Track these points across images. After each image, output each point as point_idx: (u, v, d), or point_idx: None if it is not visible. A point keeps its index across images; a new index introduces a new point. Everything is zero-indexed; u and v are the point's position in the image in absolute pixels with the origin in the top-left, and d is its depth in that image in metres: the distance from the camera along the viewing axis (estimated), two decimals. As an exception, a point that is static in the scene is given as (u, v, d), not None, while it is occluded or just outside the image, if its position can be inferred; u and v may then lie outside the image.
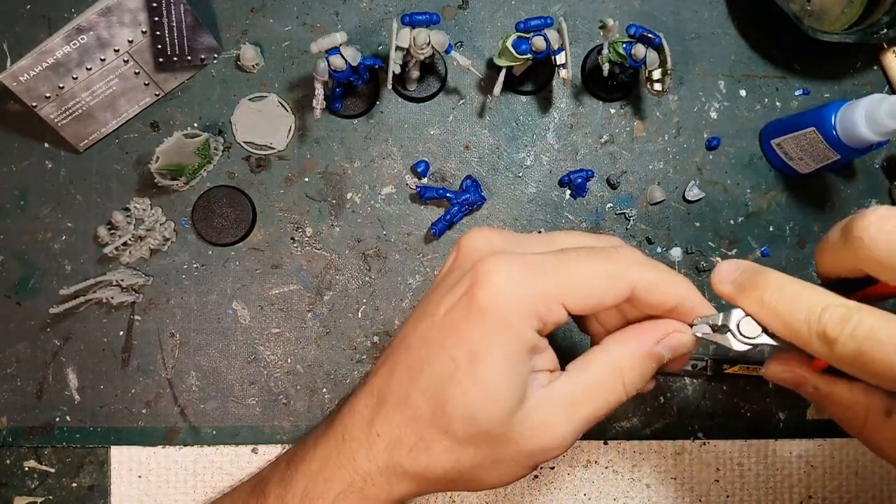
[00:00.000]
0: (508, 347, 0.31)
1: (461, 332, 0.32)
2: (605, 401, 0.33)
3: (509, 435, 0.32)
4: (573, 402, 0.33)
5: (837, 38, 0.50)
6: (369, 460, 0.34)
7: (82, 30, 0.47)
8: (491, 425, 0.32)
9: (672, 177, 0.53)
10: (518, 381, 0.32)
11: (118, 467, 0.50)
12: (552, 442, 0.32)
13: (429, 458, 0.33)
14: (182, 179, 0.50)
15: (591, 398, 0.33)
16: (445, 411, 0.32)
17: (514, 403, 0.32)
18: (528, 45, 0.46)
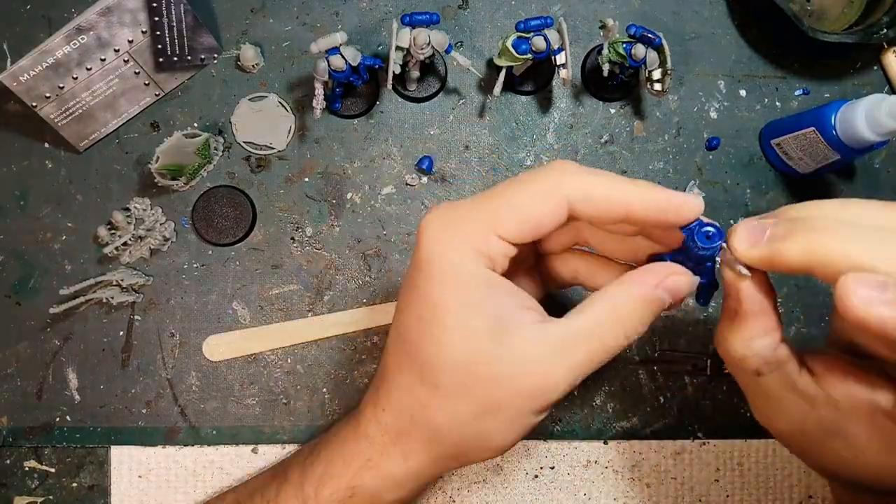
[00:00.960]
0: (462, 287, 0.31)
1: (419, 291, 0.32)
2: (602, 343, 0.31)
3: (499, 372, 0.31)
4: (568, 342, 0.31)
5: (837, 38, 0.50)
6: (382, 434, 0.35)
7: (82, 30, 0.47)
8: (472, 364, 0.31)
9: (672, 177, 0.53)
10: (485, 316, 0.31)
11: (118, 467, 0.50)
12: (546, 381, 0.31)
13: (429, 419, 0.33)
14: (182, 179, 0.50)
15: (588, 340, 0.31)
16: (430, 367, 0.32)
17: (488, 337, 0.31)
18: (528, 45, 0.46)
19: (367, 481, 0.35)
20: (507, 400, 0.32)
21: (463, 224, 0.32)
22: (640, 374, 0.52)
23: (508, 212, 0.31)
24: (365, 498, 0.36)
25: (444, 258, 0.31)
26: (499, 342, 0.31)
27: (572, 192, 0.31)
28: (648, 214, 0.31)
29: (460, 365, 0.31)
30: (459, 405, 0.32)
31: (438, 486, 0.50)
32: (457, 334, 0.31)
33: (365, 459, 0.35)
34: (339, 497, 0.36)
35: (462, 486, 0.50)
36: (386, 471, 0.35)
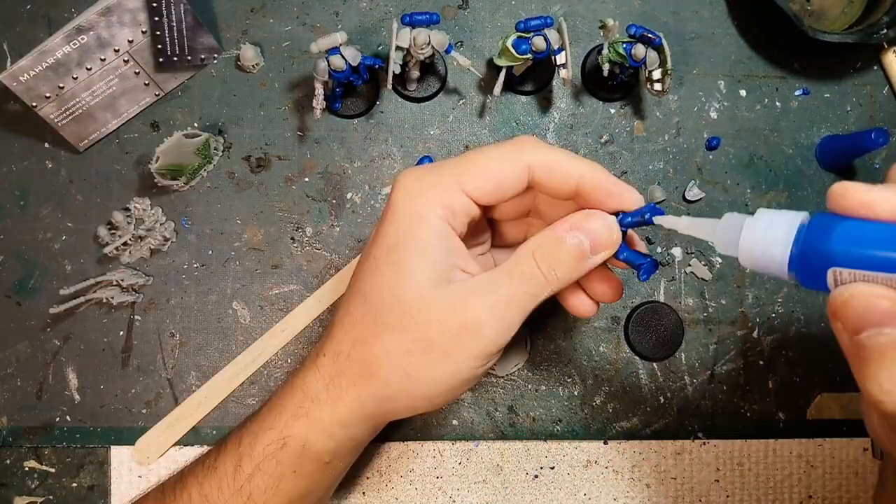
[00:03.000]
0: (420, 233, 0.34)
1: (380, 233, 0.35)
2: (521, 283, 0.34)
3: (431, 312, 0.33)
4: (491, 284, 0.34)
5: (837, 38, 0.50)
6: (317, 380, 0.37)
7: (82, 30, 0.47)
8: (412, 302, 0.34)
9: (672, 177, 0.53)
10: (432, 261, 0.34)
11: (118, 467, 0.50)
12: (472, 320, 0.33)
13: (363, 354, 0.35)
14: (182, 179, 0.50)
15: (508, 280, 0.34)
16: (376, 305, 0.35)
17: (430, 281, 0.34)
18: (528, 45, 0.46)
19: (298, 430, 0.37)
20: (435, 338, 0.34)
21: (434, 178, 0.35)
22: (640, 374, 0.52)
23: (476, 170, 0.34)
24: (296, 447, 0.37)
25: (411, 206, 0.34)
26: (437, 289, 0.34)
27: (533, 159, 0.34)
28: (594, 193, 0.34)
29: (401, 301, 0.34)
30: (393, 339, 0.34)
31: (438, 487, 0.50)
32: (404, 273, 0.34)
33: (296, 407, 0.37)
34: (272, 449, 0.37)
35: (462, 487, 0.50)
36: (315, 417, 0.36)
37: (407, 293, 0.34)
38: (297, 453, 0.37)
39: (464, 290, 0.34)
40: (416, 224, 0.34)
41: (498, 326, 0.34)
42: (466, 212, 0.35)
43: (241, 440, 0.39)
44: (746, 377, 0.52)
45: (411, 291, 0.34)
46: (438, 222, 0.34)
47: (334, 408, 0.36)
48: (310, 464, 0.38)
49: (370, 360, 0.35)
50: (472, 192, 0.34)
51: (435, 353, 0.34)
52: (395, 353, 0.34)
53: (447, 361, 0.34)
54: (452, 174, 0.35)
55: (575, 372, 0.51)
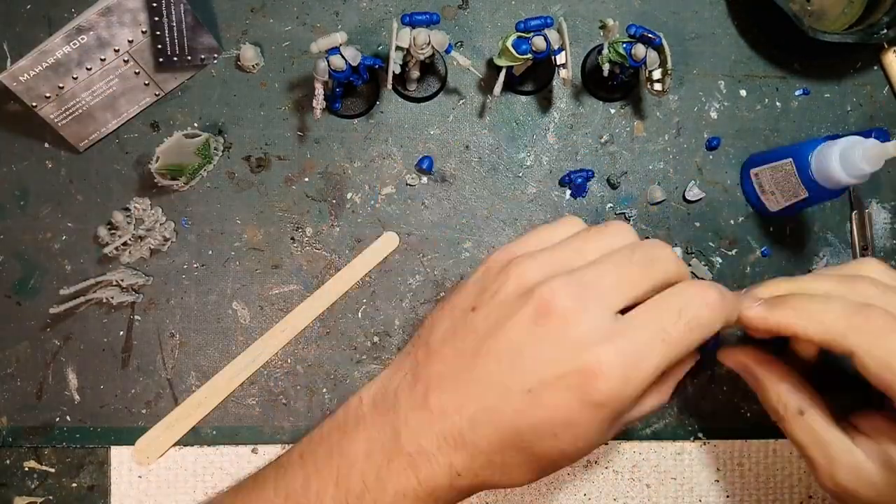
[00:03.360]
0: (610, 424, 0.34)
1: (569, 418, 0.33)
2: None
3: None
4: (625, 425, 0.37)
5: (837, 38, 0.50)
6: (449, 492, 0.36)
7: (82, 30, 0.47)
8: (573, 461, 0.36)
9: (672, 177, 0.53)
10: (608, 437, 0.36)
11: (118, 467, 0.50)
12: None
13: (510, 483, 0.36)
14: (182, 179, 0.50)
15: (636, 420, 0.40)
16: (539, 460, 0.35)
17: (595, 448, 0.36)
18: (528, 45, 0.46)
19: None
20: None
21: (640, 376, 0.33)
22: (640, 374, 0.52)
23: (682, 353, 0.35)
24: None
25: (617, 408, 0.33)
26: None
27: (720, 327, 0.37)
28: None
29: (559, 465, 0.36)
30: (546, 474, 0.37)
31: (438, 486, 0.50)
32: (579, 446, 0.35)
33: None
34: None
35: (462, 486, 0.50)
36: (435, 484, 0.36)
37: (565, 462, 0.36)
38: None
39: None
40: (617, 420, 0.35)
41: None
42: None
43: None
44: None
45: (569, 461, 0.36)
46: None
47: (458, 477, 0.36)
48: None
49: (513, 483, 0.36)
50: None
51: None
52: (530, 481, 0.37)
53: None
54: (662, 366, 0.34)
55: (575, 372, 0.51)
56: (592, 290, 0.34)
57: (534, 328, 0.34)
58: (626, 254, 0.35)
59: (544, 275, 0.35)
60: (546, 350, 0.33)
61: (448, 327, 0.37)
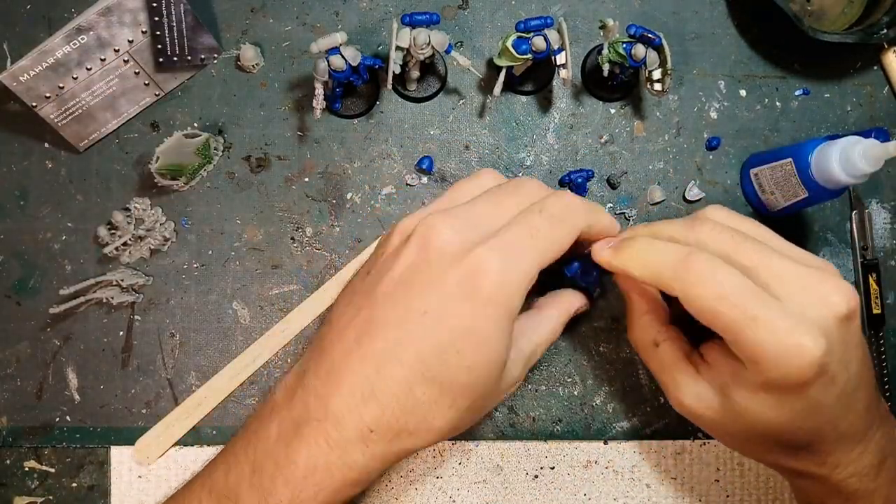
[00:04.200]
0: (508, 327, 0.36)
1: (466, 325, 0.35)
2: (542, 351, 0.42)
3: (496, 392, 0.39)
4: (529, 356, 0.41)
5: (837, 38, 0.50)
6: (364, 454, 0.36)
7: (82, 30, 0.47)
8: (489, 389, 0.37)
9: (672, 177, 0.53)
10: (508, 345, 0.37)
11: (118, 467, 0.50)
12: (514, 388, 0.41)
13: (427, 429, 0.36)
14: (182, 179, 0.50)
15: (539, 352, 0.42)
16: (451, 391, 0.36)
17: (503, 365, 0.38)
18: (528, 45, 0.46)
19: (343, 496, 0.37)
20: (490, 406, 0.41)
21: (523, 267, 0.36)
22: (640, 374, 0.52)
23: (552, 250, 0.38)
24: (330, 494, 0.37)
25: (507, 302, 0.36)
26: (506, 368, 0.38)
27: (585, 231, 0.40)
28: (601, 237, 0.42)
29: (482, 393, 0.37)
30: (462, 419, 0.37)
31: (439, 487, 0.50)
32: (491, 368, 0.37)
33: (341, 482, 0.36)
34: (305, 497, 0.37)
35: (462, 486, 0.50)
36: (362, 481, 0.37)
37: (488, 386, 0.37)
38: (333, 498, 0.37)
39: (515, 368, 0.40)
40: (509, 320, 0.36)
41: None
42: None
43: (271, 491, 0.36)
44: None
45: (492, 384, 0.37)
46: (518, 304, 0.37)
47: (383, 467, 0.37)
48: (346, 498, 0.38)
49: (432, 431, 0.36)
50: (543, 266, 0.38)
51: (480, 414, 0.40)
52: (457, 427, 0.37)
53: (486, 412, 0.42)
54: (536, 259, 0.37)
55: (575, 372, 0.51)
56: (464, 217, 0.38)
57: (417, 260, 0.37)
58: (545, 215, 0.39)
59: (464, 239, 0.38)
60: (433, 271, 0.36)
61: (346, 299, 0.40)
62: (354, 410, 0.35)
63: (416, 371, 0.35)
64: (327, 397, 0.36)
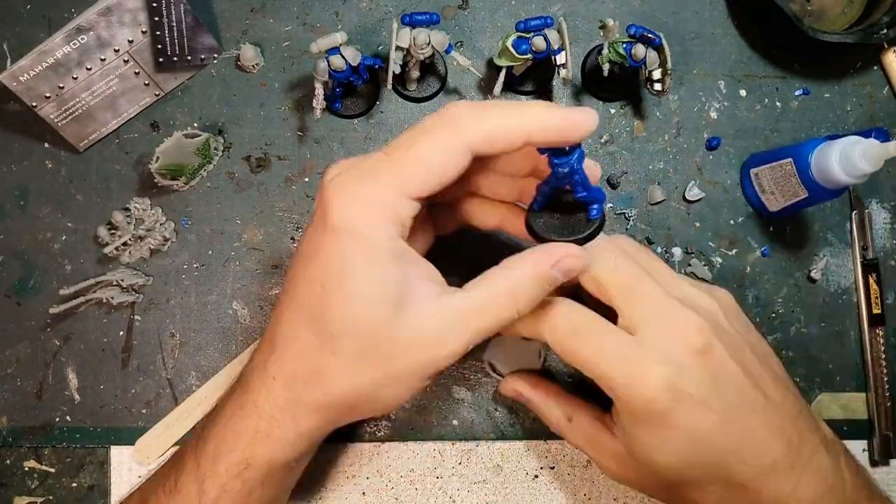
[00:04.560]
0: (368, 257, 0.32)
1: (322, 258, 0.33)
2: (497, 316, 0.34)
3: (398, 343, 0.33)
4: (467, 313, 0.34)
5: (837, 38, 0.50)
6: (270, 403, 0.36)
7: (82, 30, 0.47)
8: (374, 332, 0.33)
9: (672, 177, 0.53)
10: (389, 286, 0.32)
11: (118, 467, 0.50)
12: (443, 350, 0.33)
13: (324, 384, 0.34)
14: (182, 179, 0.50)
15: (485, 312, 0.34)
16: (331, 335, 0.33)
17: (391, 307, 0.32)
18: (528, 45, 0.46)
19: (260, 450, 0.36)
20: (403, 367, 0.33)
21: (374, 191, 0.32)
22: (640, 374, 0.52)
23: (416, 170, 0.32)
24: (260, 466, 0.36)
25: (354, 230, 0.32)
26: (400, 313, 0.32)
27: (473, 137, 0.32)
28: (548, 137, 0.32)
29: (363, 333, 0.33)
30: (357, 371, 0.34)
31: (438, 487, 0.50)
32: (361, 304, 0.32)
33: (255, 431, 0.36)
34: (234, 471, 0.36)
35: (462, 487, 0.50)
36: (277, 436, 0.36)
37: (368, 326, 0.32)
38: (264, 470, 0.36)
39: (434, 322, 0.33)
40: (365, 249, 0.32)
41: (465, 350, 0.34)
42: (411, 214, 0.33)
43: (198, 462, 0.37)
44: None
45: (373, 324, 0.32)
46: (388, 242, 0.32)
47: (296, 427, 0.36)
48: (278, 473, 0.37)
49: (333, 388, 0.34)
50: (417, 193, 0.33)
51: (401, 382, 0.34)
52: (361, 384, 0.34)
53: (411, 386, 0.35)
54: (393, 181, 0.32)
55: (575, 372, 0.51)
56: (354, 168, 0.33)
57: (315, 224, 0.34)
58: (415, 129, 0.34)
59: (336, 173, 0.35)
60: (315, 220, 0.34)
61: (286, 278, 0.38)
62: (260, 363, 0.36)
63: (297, 313, 0.34)
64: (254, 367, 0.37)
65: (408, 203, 0.33)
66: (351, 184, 0.32)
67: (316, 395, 0.35)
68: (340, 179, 0.33)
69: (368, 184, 0.32)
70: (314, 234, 0.34)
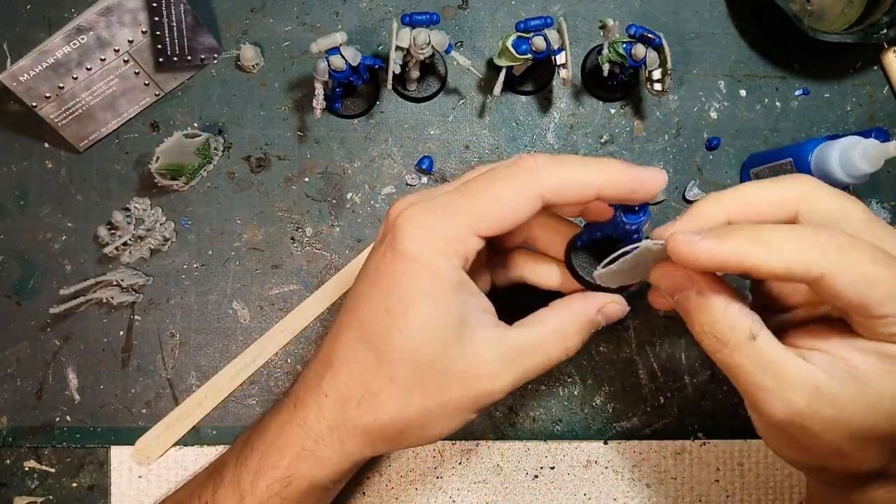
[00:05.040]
0: (434, 286, 0.33)
1: (389, 283, 0.33)
2: (548, 357, 0.35)
3: (454, 373, 0.33)
4: (521, 351, 0.35)
5: (837, 38, 0.50)
6: (319, 421, 0.36)
7: (82, 30, 0.47)
8: (432, 361, 0.33)
9: (672, 177, 0.53)
10: (451, 316, 0.33)
11: (118, 467, 0.50)
12: (495, 385, 0.34)
13: (377, 407, 0.34)
14: (182, 179, 0.50)
15: (538, 352, 0.35)
16: (389, 358, 0.33)
17: (451, 336, 0.33)
18: (528, 45, 0.46)
19: (303, 469, 0.36)
20: (455, 398, 0.34)
21: (444, 222, 0.33)
22: (640, 374, 0.52)
23: (488, 210, 0.33)
24: (301, 485, 0.36)
25: (423, 258, 0.33)
26: (459, 343, 0.33)
27: (548, 187, 0.33)
28: (618, 193, 0.33)
29: (421, 361, 0.33)
30: (411, 398, 0.34)
31: (439, 487, 0.50)
32: (423, 332, 0.33)
33: (300, 448, 0.36)
34: (276, 488, 0.36)
35: (462, 487, 0.50)
36: (322, 456, 0.36)
37: (428, 354, 0.33)
38: (304, 489, 0.37)
39: (490, 355, 0.34)
40: (432, 278, 0.33)
41: (515, 386, 0.35)
42: (476, 249, 0.34)
43: (239, 478, 0.37)
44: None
45: (433, 353, 0.33)
46: (453, 272, 0.33)
47: (342, 448, 0.36)
48: (315, 494, 0.37)
49: (385, 413, 0.34)
50: (485, 231, 0.33)
51: (453, 413, 0.35)
52: (413, 412, 0.34)
53: (462, 417, 0.35)
54: (463, 216, 0.33)
55: (575, 372, 0.51)
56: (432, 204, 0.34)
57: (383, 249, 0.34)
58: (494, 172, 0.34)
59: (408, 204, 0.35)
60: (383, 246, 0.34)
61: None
62: (314, 380, 0.36)
63: (358, 333, 0.35)
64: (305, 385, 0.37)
65: (474, 239, 0.33)
66: (421, 214, 0.33)
67: (366, 417, 0.35)
68: (412, 210, 0.33)
69: (439, 216, 0.33)
70: (382, 258, 0.34)
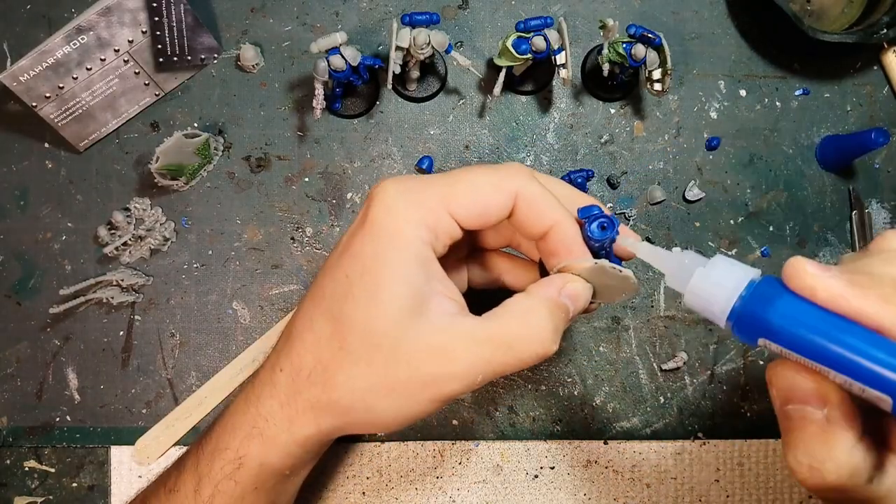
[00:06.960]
0: (399, 256, 0.32)
1: (354, 249, 0.33)
2: (509, 346, 0.32)
3: (404, 350, 0.32)
4: (480, 338, 0.32)
5: (837, 38, 0.50)
6: (271, 397, 0.35)
7: (82, 30, 0.47)
8: (382, 333, 0.32)
9: (672, 177, 0.53)
10: (410, 289, 0.32)
11: (118, 467, 0.50)
12: (447, 369, 0.32)
13: (325, 381, 0.33)
14: (182, 179, 0.50)
15: (500, 340, 0.32)
16: (342, 326, 0.33)
17: (405, 311, 0.32)
18: (528, 45, 0.46)
19: (253, 450, 0.35)
20: (404, 378, 0.32)
21: (418, 194, 0.33)
22: (640, 374, 0.52)
23: (464, 193, 0.33)
24: (252, 467, 0.36)
25: (392, 223, 0.32)
26: (413, 319, 0.32)
27: (522, 190, 0.34)
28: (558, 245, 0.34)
29: (371, 330, 0.32)
30: (357, 370, 0.33)
31: (438, 487, 0.50)
32: (378, 300, 0.32)
33: (250, 427, 0.35)
34: (228, 470, 0.36)
35: (462, 487, 0.50)
36: (270, 436, 0.35)
37: (379, 324, 0.32)
38: (255, 472, 0.36)
39: (440, 338, 0.32)
40: (396, 245, 0.32)
41: (469, 385, 0.32)
42: (449, 234, 0.33)
43: (198, 460, 0.37)
44: (746, 377, 0.52)
45: (384, 323, 0.32)
46: (420, 245, 0.32)
47: (290, 427, 0.35)
48: (270, 479, 0.37)
49: (332, 386, 0.33)
50: (457, 213, 0.33)
51: (400, 395, 0.33)
52: (359, 387, 0.33)
53: (411, 403, 0.33)
54: (439, 192, 0.33)
55: (575, 372, 0.51)
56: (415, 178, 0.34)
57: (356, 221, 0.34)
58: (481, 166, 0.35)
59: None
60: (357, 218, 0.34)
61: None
62: (273, 356, 0.36)
63: (318, 303, 0.34)
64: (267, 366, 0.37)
65: (447, 218, 0.33)
66: (396, 186, 0.33)
67: (314, 390, 0.34)
68: (388, 182, 0.33)
69: (414, 190, 0.33)
70: (352, 228, 0.34)
